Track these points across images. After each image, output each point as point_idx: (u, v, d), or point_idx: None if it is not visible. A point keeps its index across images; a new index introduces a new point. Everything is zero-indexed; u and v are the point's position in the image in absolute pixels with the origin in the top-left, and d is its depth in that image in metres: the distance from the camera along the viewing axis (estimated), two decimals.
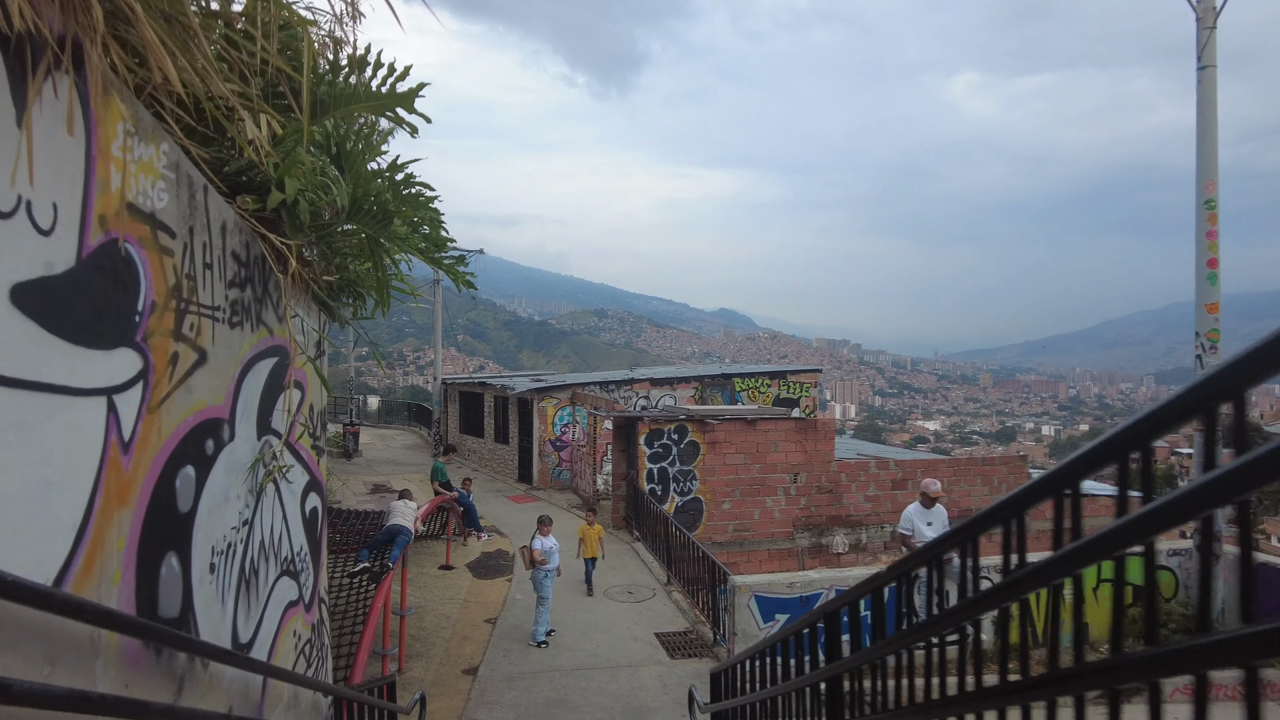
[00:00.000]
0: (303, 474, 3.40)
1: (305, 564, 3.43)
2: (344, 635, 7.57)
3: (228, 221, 2.62)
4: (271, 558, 3.01)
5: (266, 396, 2.95)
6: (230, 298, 2.66)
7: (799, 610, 7.61)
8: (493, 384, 23.28)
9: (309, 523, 3.47)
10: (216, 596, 2.49)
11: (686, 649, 9.80)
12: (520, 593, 11.77)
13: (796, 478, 15.43)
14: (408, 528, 9.40)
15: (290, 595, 3.20)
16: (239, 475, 2.68)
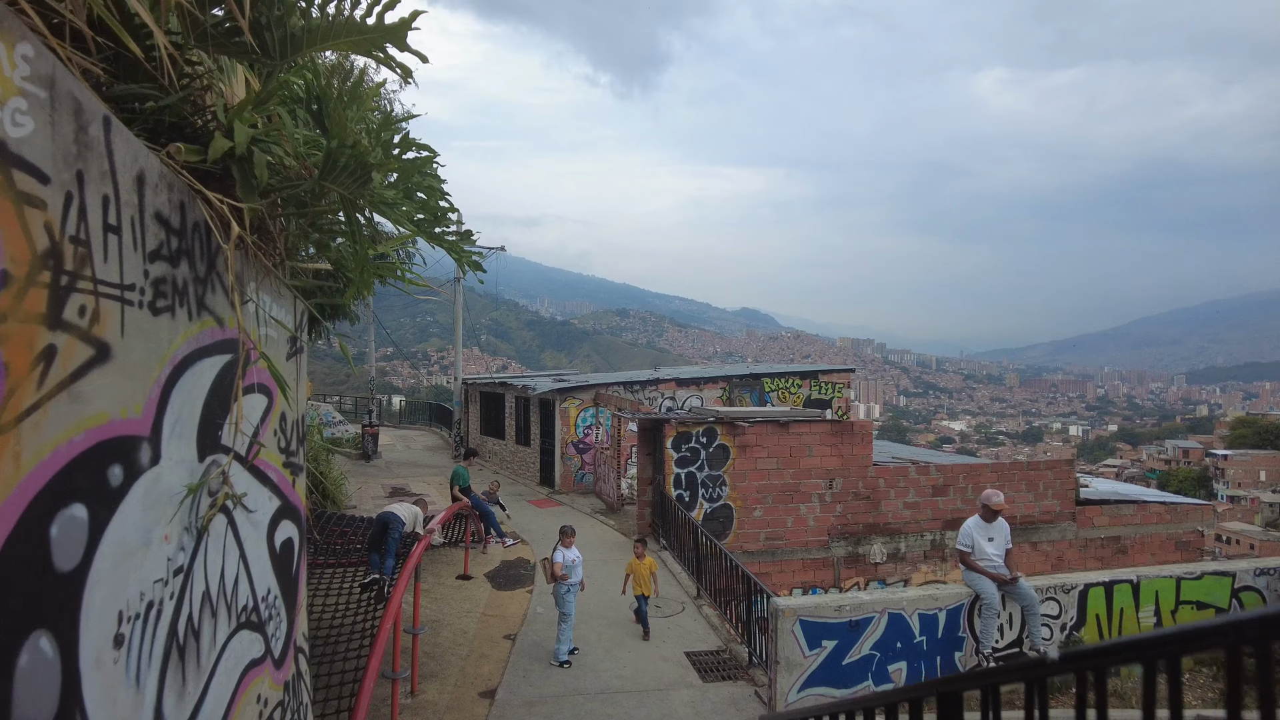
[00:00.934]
0: (270, 500, 2.75)
1: (275, 610, 2.78)
2: (349, 660, 6.95)
3: (148, 173, 1.96)
4: (223, 610, 2.36)
5: (214, 406, 2.30)
6: (153, 275, 2.00)
7: (848, 636, 6.90)
8: (514, 384, 22.68)
9: (280, 559, 2.82)
10: (127, 678, 1.83)
11: (720, 670, 9.10)
12: (542, 605, 11.12)
13: (832, 483, 14.66)
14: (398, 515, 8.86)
15: (253, 652, 2.55)
16: (166, 510, 2.03)
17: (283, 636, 2.85)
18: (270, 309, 2.72)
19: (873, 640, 6.97)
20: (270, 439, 2.76)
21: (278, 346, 2.86)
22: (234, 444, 2.32)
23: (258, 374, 2.62)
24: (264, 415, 2.70)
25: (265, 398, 2.70)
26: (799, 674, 6.80)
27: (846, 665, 6.88)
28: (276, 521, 2.81)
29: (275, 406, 2.80)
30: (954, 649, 7.38)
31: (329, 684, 6.68)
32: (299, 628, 3.06)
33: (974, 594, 7.54)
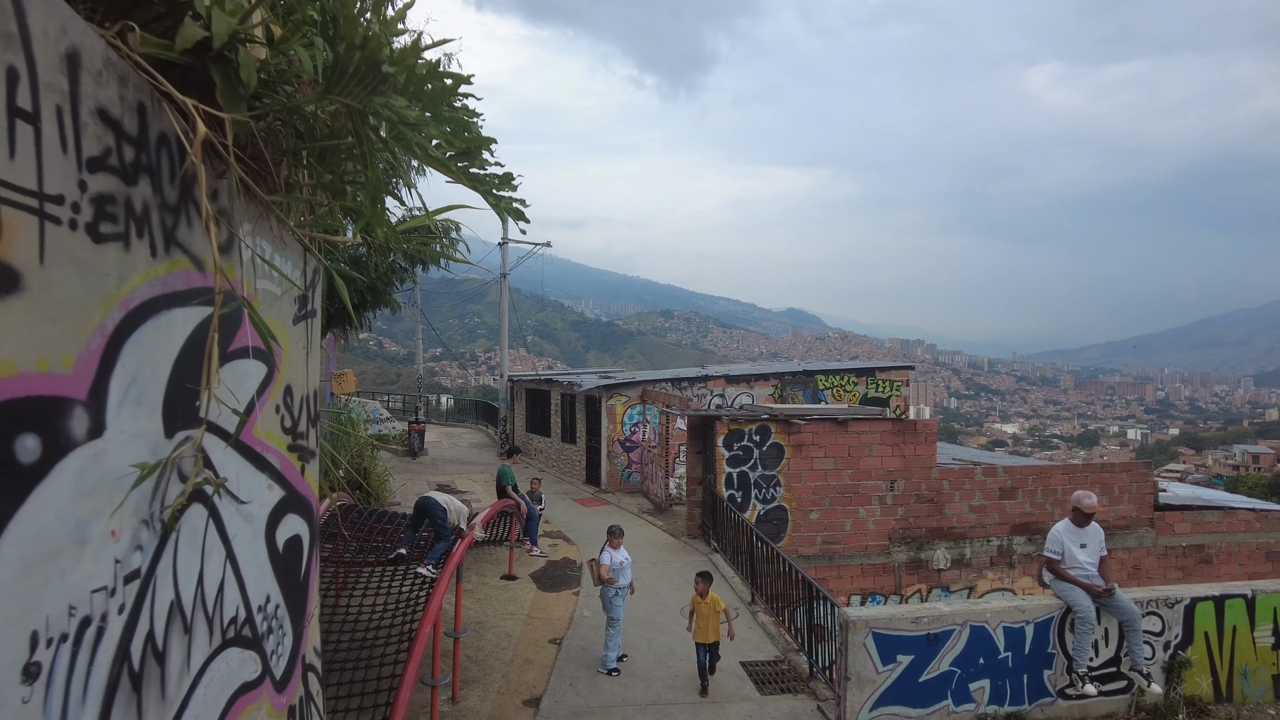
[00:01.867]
0: (269, 489, 2.28)
1: (276, 622, 2.31)
2: (386, 665, 6.52)
3: (86, 54, 1.48)
4: (201, 624, 1.90)
5: (191, 368, 1.83)
6: (95, 189, 1.53)
7: (925, 651, 6.26)
8: (559, 381, 22.28)
9: (284, 561, 2.36)
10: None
11: (778, 682, 8.51)
12: (589, 608, 10.64)
13: (893, 485, 13.91)
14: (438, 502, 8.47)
15: (245, 673, 2.08)
16: (112, 497, 1.56)
17: (286, 653, 2.38)
18: (271, 258, 2.26)
19: (953, 655, 6.31)
20: (270, 416, 2.30)
21: (281, 306, 2.40)
22: (209, 415, 1.84)
23: (255, 337, 2.15)
24: (262, 387, 2.24)
25: (264, 366, 2.24)
26: (871, 691, 6.19)
27: (924, 683, 6.24)
28: (279, 515, 2.35)
29: (278, 377, 2.34)
30: (1043, 667, 6.67)
31: (364, 691, 6.27)
32: (309, 641, 2.59)
33: (1064, 606, 6.82)
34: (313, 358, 2.63)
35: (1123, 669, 6.84)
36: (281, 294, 2.38)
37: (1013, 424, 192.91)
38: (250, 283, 2.12)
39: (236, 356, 2.06)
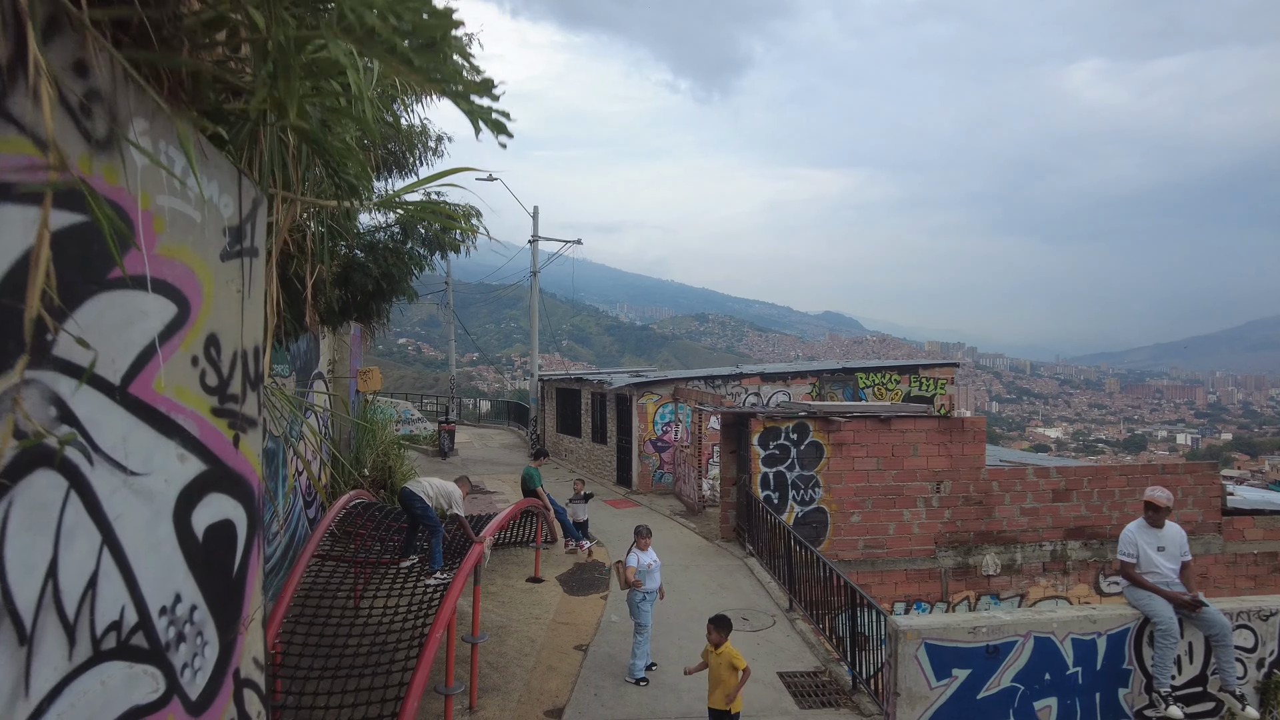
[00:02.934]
0: (180, 461, 1.80)
1: (191, 629, 1.83)
2: (393, 673, 6.07)
3: None
4: (53, 633, 1.41)
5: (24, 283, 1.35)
6: None
7: (984, 664, 5.62)
8: (590, 380, 21.80)
9: (204, 552, 1.88)
10: None
11: (818, 695, 7.91)
12: (616, 613, 10.12)
13: (939, 486, 13.17)
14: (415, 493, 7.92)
15: (136, 695, 1.60)
16: None
17: (208, 667, 1.90)
18: (183, 173, 1.78)
19: (1015, 670, 5.66)
20: (183, 369, 1.82)
21: (201, 235, 1.92)
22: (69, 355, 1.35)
23: (162, 266, 1.68)
24: (170, 331, 1.77)
25: (172, 305, 1.77)
26: (923, 708, 5.56)
27: (983, 700, 5.60)
28: (197, 494, 1.87)
29: (195, 321, 1.87)
30: (1117, 684, 5.98)
31: (369, 700, 5.82)
32: (245, 651, 2.11)
33: (1142, 617, 6.12)
34: (253, 305, 2.16)
35: (1210, 689, 6.11)
36: (202, 220, 1.91)
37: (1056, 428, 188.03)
38: (148, 198, 1.65)
39: (123, 286, 1.59)
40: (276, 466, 9.84)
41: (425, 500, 7.84)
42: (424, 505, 7.80)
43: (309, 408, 11.55)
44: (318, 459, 12.19)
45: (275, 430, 9.92)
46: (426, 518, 7.79)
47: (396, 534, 8.61)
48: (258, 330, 2.21)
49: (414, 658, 5.92)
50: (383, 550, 8.10)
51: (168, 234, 1.75)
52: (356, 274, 8.20)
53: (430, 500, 7.90)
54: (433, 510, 7.88)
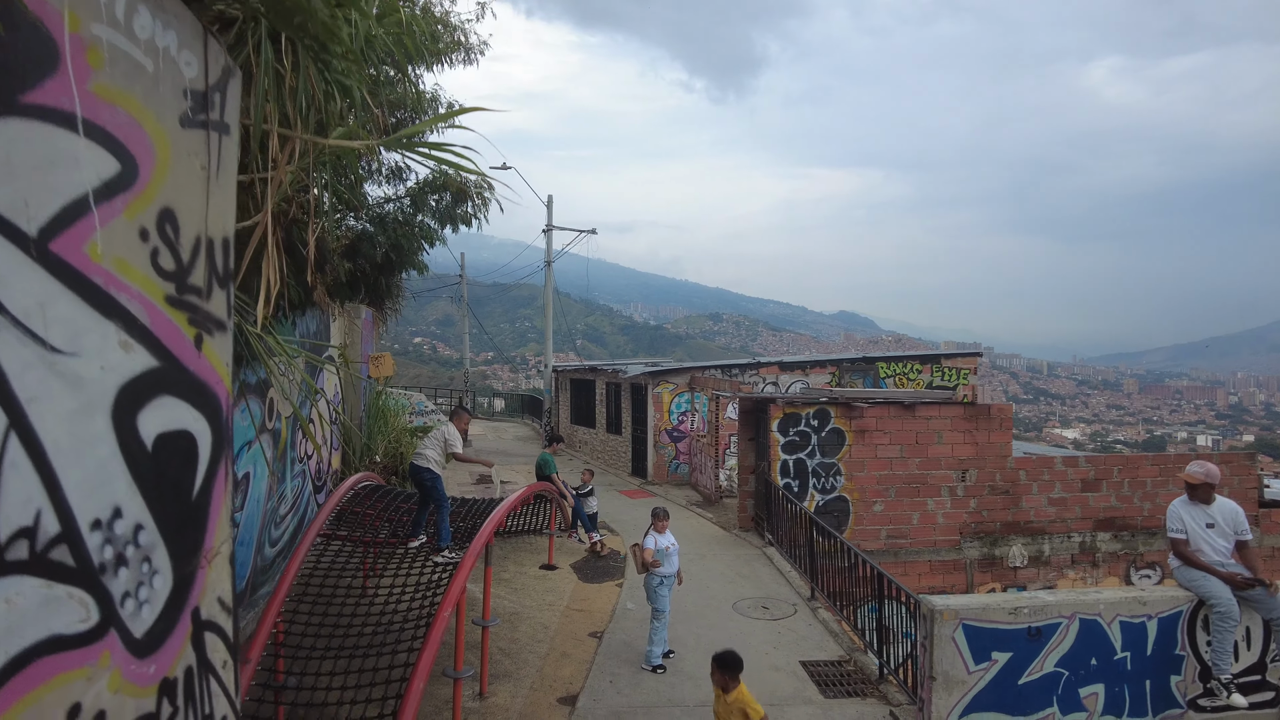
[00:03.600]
0: (120, 348, 1.49)
1: (136, 552, 1.52)
2: (399, 654, 5.78)
3: None
4: None
5: None
6: None
7: (1026, 648, 5.26)
8: (604, 369, 21.49)
9: (154, 463, 1.57)
10: None
11: (843, 685, 7.56)
12: (632, 600, 9.82)
13: (965, 475, 12.77)
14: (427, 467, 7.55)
15: (57, 622, 1.29)
16: None
17: (159, 600, 1.60)
18: (129, 12, 1.48)
19: (1059, 654, 5.30)
20: (127, 240, 1.52)
21: (154, 90, 1.62)
22: None
23: (99, 109, 1.38)
24: (112, 190, 1.47)
25: (113, 159, 1.47)
26: (961, 694, 5.21)
27: (1024, 686, 5.24)
28: (145, 393, 1.57)
29: (144, 188, 1.57)
30: (1169, 671, 5.60)
31: (373, 681, 5.53)
32: (208, 588, 1.80)
33: (1194, 598, 5.73)
34: (224, 191, 1.86)
35: (1269, 677, 5.71)
36: (156, 72, 1.61)
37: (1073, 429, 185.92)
38: (77, 20, 1.34)
39: (45, 118, 1.29)
40: (284, 448, 9.60)
41: (435, 470, 7.53)
42: (433, 476, 7.50)
43: (318, 391, 11.30)
44: (328, 443, 11.96)
45: (283, 410, 9.70)
46: (435, 490, 7.48)
47: (405, 515, 8.33)
48: (229, 219, 1.92)
49: (420, 638, 5.63)
50: (391, 530, 7.81)
51: (107, 74, 1.45)
52: (365, 245, 7.93)
53: (437, 465, 7.60)
54: (442, 483, 7.59)
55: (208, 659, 1.82)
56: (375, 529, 7.82)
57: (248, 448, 8.23)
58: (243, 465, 8.13)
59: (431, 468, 7.53)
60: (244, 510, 8.16)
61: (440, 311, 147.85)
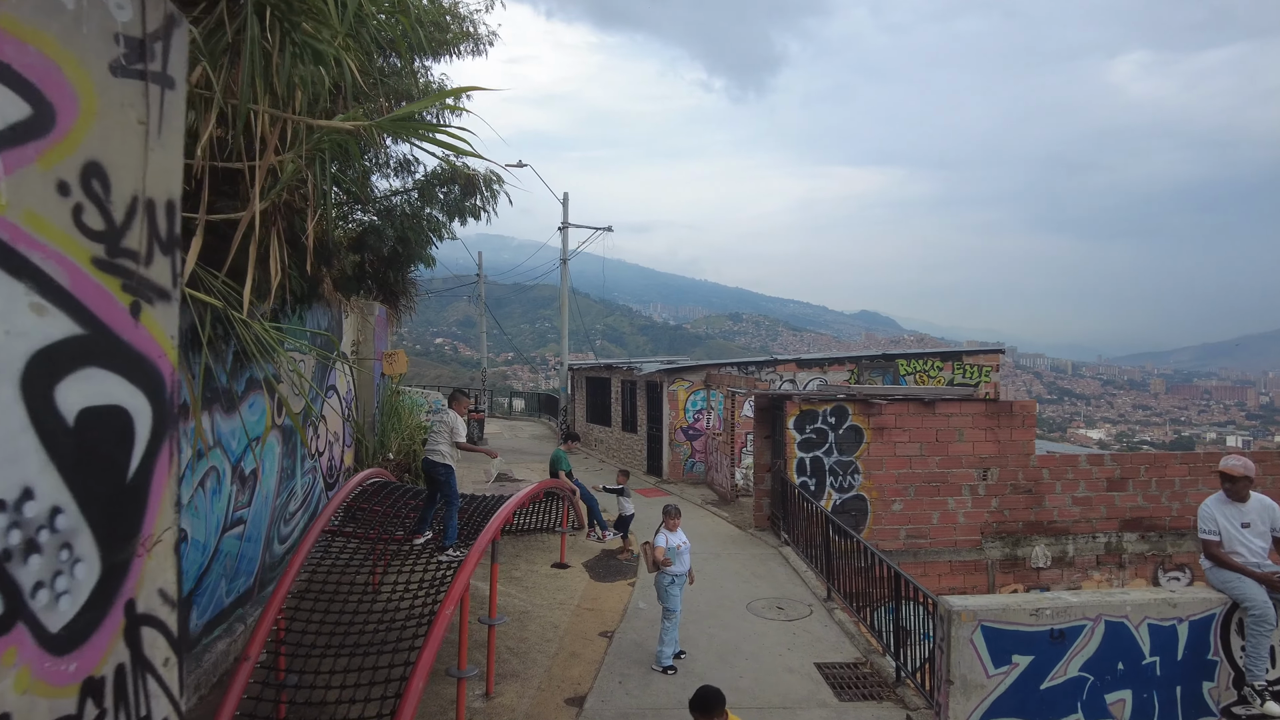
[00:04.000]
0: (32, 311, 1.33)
1: (52, 537, 1.37)
2: (399, 652, 5.65)
3: None
4: None
5: None
6: None
7: (1048, 651, 5.03)
8: (619, 366, 21.34)
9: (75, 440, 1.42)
10: None
11: (859, 687, 7.34)
12: (644, 600, 9.64)
13: (986, 474, 12.48)
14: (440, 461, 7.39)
15: None
16: None
17: (80, 592, 1.45)
18: None
19: (1083, 658, 5.06)
20: (43, 193, 1.37)
21: (76, 29, 1.47)
22: None
23: (3, 47, 1.23)
24: (20, 135, 1.32)
25: (23, 102, 1.32)
26: (980, 699, 4.99)
27: (1046, 691, 5.01)
28: (66, 364, 1.42)
29: (64, 137, 1.42)
30: (1201, 677, 5.34)
31: (373, 680, 5.40)
32: (145, 578, 1.65)
33: (1228, 601, 5.47)
34: (168, 149, 1.71)
35: None
36: (78, 11, 1.46)
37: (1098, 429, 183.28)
38: None
39: None
40: (294, 445, 9.52)
41: (450, 463, 7.40)
42: (447, 471, 7.36)
43: (329, 387, 11.23)
44: (341, 440, 11.88)
45: (293, 409, 9.63)
46: (449, 486, 7.35)
47: (413, 511, 8.20)
48: (174, 180, 1.77)
49: (422, 636, 5.49)
50: (397, 527, 7.68)
51: (13, 5, 1.31)
52: (371, 237, 7.81)
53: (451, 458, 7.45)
54: (455, 478, 7.45)
55: (144, 656, 1.68)
56: (382, 525, 7.69)
57: (257, 444, 8.16)
58: (251, 461, 8.06)
59: (447, 462, 7.40)
60: (252, 506, 8.09)
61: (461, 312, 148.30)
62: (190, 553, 6.57)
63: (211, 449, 6.95)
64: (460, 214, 8.49)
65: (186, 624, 6.53)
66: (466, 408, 7.65)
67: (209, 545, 6.96)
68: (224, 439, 7.25)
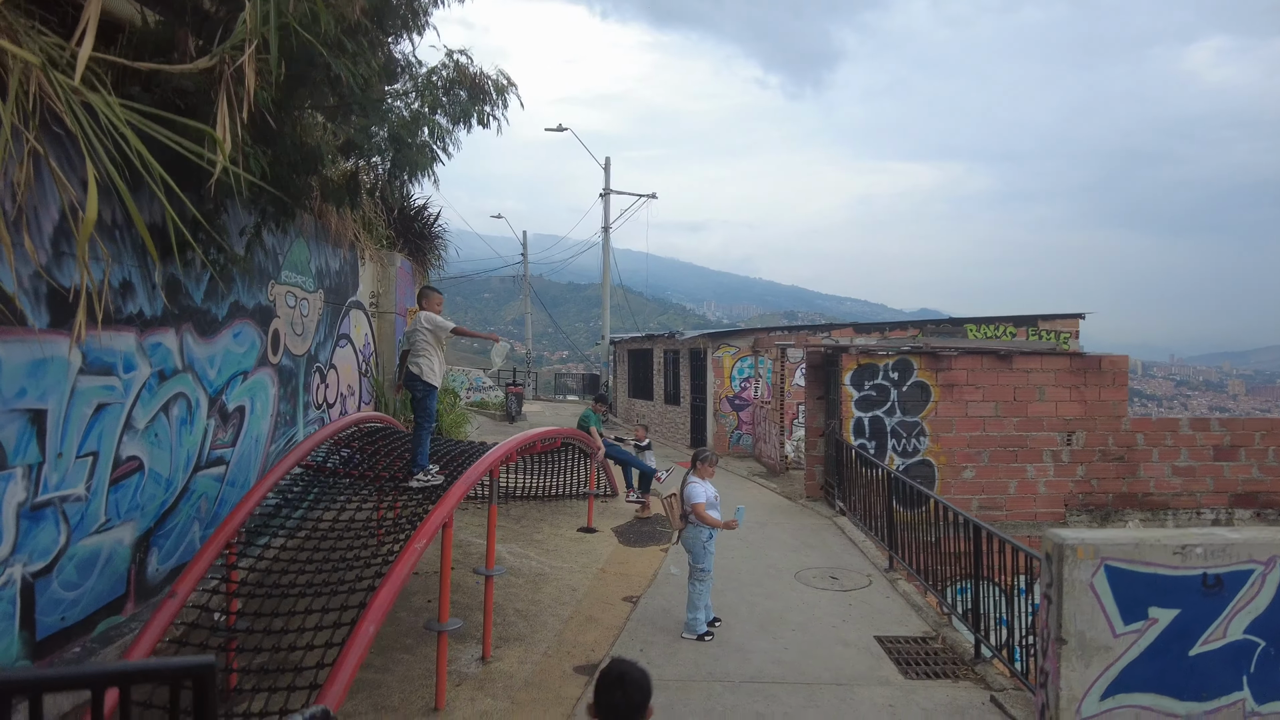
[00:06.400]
0: None
1: None
2: (354, 594, 4.60)
3: None
4: None
5: None
6: None
7: (1200, 604, 3.70)
8: (661, 334, 20.15)
9: None
10: None
11: (929, 664, 6.09)
12: (677, 565, 8.51)
13: (1071, 438, 10.98)
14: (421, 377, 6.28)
15: None
16: None
17: None
18: None
19: (1250, 615, 3.71)
20: None
21: None
22: None
23: None
24: None
25: None
26: (1105, 665, 3.70)
27: (1198, 658, 3.70)
28: None
29: None
30: None
31: (319, 625, 4.35)
32: None
33: None
34: None
35: None
36: None
37: None
38: None
39: None
40: (295, 390, 8.63)
41: (431, 383, 6.32)
42: (426, 391, 6.30)
43: (342, 336, 10.34)
44: (356, 395, 10.98)
45: (295, 350, 8.73)
46: (425, 406, 6.29)
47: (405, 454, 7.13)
48: None
49: (382, 576, 4.42)
50: (388, 466, 6.63)
51: None
52: (359, 136, 6.77)
53: (433, 375, 6.35)
54: (434, 399, 6.38)
55: None
56: (373, 465, 6.66)
57: (242, 378, 7.25)
58: (236, 398, 7.16)
59: (428, 379, 6.31)
60: (237, 448, 7.18)
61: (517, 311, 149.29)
62: (148, 486, 5.66)
63: (179, 373, 6.03)
64: (465, 119, 7.42)
65: (143, 567, 5.62)
66: (439, 303, 6.56)
67: (174, 481, 6.04)
68: (197, 365, 6.34)
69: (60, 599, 4.76)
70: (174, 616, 4.36)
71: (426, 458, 6.10)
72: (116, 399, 5.28)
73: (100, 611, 5.12)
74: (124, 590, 5.41)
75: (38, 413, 4.54)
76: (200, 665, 1.76)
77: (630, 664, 2.69)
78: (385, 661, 5.68)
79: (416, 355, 6.29)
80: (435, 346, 6.35)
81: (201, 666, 1.76)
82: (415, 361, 6.28)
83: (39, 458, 4.54)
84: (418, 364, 6.26)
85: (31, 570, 4.50)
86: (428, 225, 13.62)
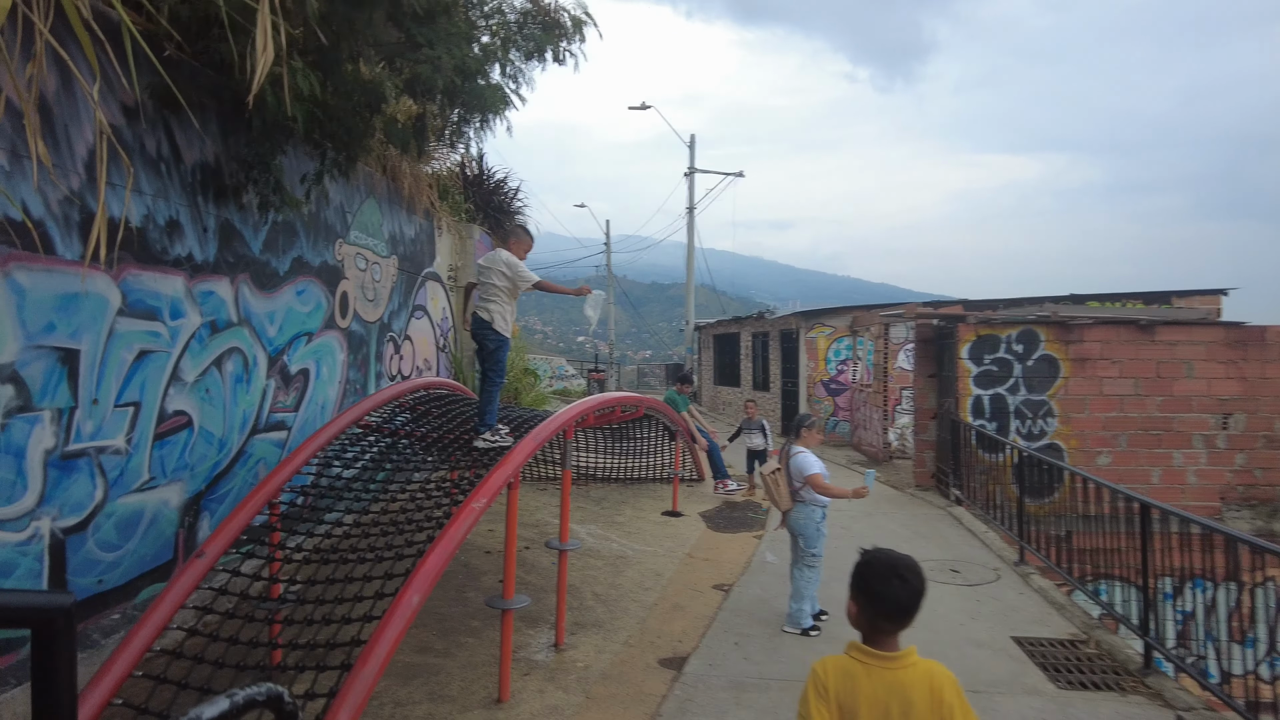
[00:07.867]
0: None
1: None
2: (402, 560, 3.94)
3: None
4: None
5: None
6: None
7: None
8: (749, 317, 19.17)
9: None
10: None
11: (1084, 672, 5.10)
12: (774, 553, 7.65)
13: (1227, 421, 9.56)
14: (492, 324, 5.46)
15: None
16: None
17: None
18: None
19: None
20: None
21: None
22: None
23: None
24: None
25: None
26: None
27: None
28: None
29: None
30: None
31: (360, 595, 3.71)
32: None
33: None
34: None
35: None
36: None
37: None
38: None
39: None
40: (366, 358, 8.18)
41: (502, 333, 5.50)
42: (498, 341, 5.50)
43: (418, 306, 9.89)
44: (432, 369, 10.54)
45: (367, 316, 8.27)
46: (496, 360, 5.54)
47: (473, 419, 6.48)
48: None
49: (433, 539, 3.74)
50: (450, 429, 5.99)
51: None
52: (424, 68, 6.13)
53: (504, 325, 5.54)
54: (506, 352, 5.61)
55: None
56: (437, 427, 6.04)
57: (307, 340, 6.79)
58: (300, 360, 6.70)
59: (498, 328, 5.50)
60: (300, 413, 6.72)
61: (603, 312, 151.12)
62: (198, 445, 5.19)
63: (234, 325, 5.56)
64: (539, 54, 6.77)
65: (193, 532, 5.16)
66: (526, 249, 5.68)
67: (228, 442, 5.58)
68: (255, 320, 5.87)
69: (97, 560, 4.29)
70: (200, 578, 3.80)
71: (495, 416, 5.41)
72: (162, 346, 4.81)
73: (144, 577, 4.66)
74: (171, 556, 4.95)
75: (69, 352, 4.06)
76: (53, 607, 1.09)
77: (885, 550, 2.27)
78: (447, 645, 5.05)
79: (488, 300, 5.53)
80: (509, 296, 5.60)
81: (54, 609, 1.09)
82: (485, 307, 5.50)
83: (70, 402, 4.06)
84: (488, 310, 5.47)
85: (62, 525, 4.03)
86: (508, 199, 13.10)
